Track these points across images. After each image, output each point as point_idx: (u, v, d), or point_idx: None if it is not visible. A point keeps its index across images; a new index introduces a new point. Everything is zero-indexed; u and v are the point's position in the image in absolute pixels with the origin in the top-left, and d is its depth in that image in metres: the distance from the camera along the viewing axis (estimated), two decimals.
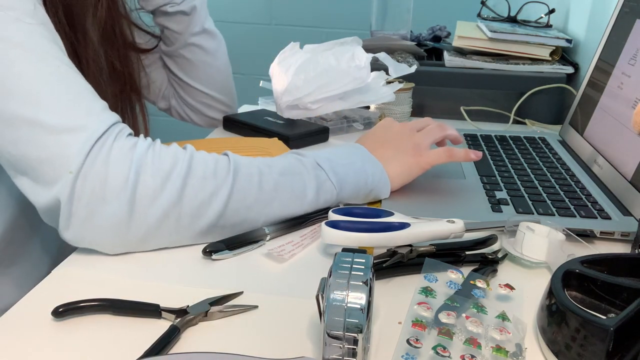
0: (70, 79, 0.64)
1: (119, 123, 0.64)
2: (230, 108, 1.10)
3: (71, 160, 0.60)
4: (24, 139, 0.60)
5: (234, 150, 0.70)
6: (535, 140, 1.06)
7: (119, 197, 0.60)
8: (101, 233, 0.61)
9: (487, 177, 0.87)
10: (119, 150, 0.61)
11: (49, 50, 0.64)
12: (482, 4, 1.44)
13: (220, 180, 0.65)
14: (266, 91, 1.17)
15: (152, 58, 1.04)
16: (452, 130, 0.83)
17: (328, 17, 2.35)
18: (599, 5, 1.26)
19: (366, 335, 0.45)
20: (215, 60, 1.04)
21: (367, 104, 1.07)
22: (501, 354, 0.48)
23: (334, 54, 1.03)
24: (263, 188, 0.67)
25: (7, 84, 0.61)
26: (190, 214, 0.63)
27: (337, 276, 0.46)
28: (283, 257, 0.65)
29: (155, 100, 1.08)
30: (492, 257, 0.65)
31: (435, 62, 1.31)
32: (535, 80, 1.19)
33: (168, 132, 1.02)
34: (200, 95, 1.05)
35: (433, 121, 0.84)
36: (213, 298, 0.56)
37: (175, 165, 0.63)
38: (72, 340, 0.51)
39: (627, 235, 0.70)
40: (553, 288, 0.52)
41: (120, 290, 0.57)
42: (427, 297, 0.54)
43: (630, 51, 0.92)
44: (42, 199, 0.61)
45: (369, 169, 0.76)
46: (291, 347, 0.51)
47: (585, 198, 0.80)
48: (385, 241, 0.64)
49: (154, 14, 0.98)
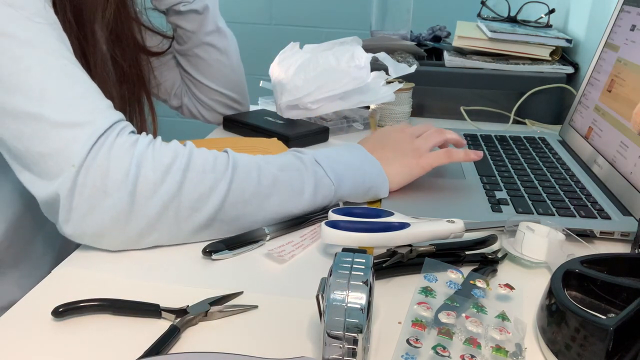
0: (76, 77, 0.65)
1: (122, 121, 0.65)
2: (242, 106, 1.11)
3: (74, 154, 0.60)
4: (28, 133, 0.61)
5: (234, 150, 0.70)
6: (535, 140, 1.06)
7: (120, 189, 0.61)
8: (102, 226, 0.62)
9: (487, 177, 0.87)
10: (121, 146, 0.62)
11: (56, 48, 0.65)
12: (482, 4, 1.44)
13: (219, 175, 0.65)
14: (266, 91, 1.17)
15: (165, 57, 1.05)
16: (452, 134, 0.84)
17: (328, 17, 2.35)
18: (599, 5, 1.26)
19: (366, 335, 0.45)
20: (229, 59, 1.05)
21: (367, 104, 1.07)
22: (501, 353, 0.48)
23: (334, 53, 1.03)
24: (261, 183, 0.68)
25: (14, 80, 0.61)
26: (189, 206, 0.64)
27: (337, 276, 0.46)
28: (283, 257, 0.65)
29: (167, 98, 1.09)
30: (492, 257, 0.65)
31: (435, 62, 1.31)
32: (535, 80, 1.19)
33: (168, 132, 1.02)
34: (214, 93, 1.06)
35: (431, 126, 0.85)
36: (213, 298, 0.56)
37: (175, 159, 0.64)
38: (72, 340, 0.51)
39: (627, 235, 0.70)
40: (553, 288, 0.52)
41: (120, 290, 0.57)
42: (427, 297, 0.55)
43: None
44: (44, 192, 0.62)
45: (367, 167, 0.76)
46: (291, 347, 0.51)
47: (585, 198, 0.80)
48: (385, 241, 0.64)
49: (167, 13, 0.99)
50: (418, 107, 1.20)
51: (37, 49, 0.63)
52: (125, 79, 0.91)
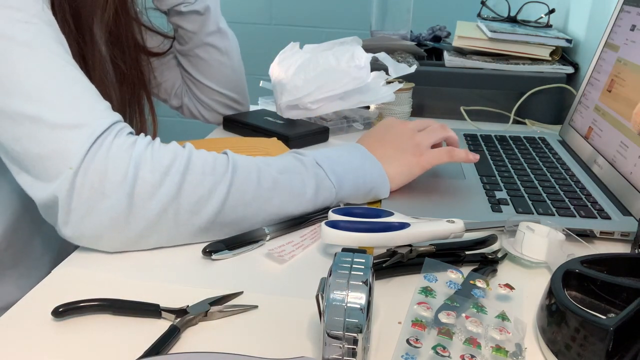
0: (74, 78, 0.65)
1: (120, 122, 0.65)
2: (242, 106, 1.11)
3: (72, 156, 0.60)
4: (26, 135, 0.61)
5: (234, 150, 0.70)
6: (535, 140, 1.06)
7: (118, 191, 0.61)
8: (100, 228, 0.62)
9: (487, 177, 0.87)
10: (119, 147, 0.62)
11: (54, 49, 0.64)
12: (482, 4, 1.44)
13: (218, 177, 0.65)
14: (266, 91, 1.17)
15: (165, 57, 1.05)
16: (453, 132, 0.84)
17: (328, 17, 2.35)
18: (599, 5, 1.26)
19: (366, 335, 0.45)
20: (230, 60, 1.05)
21: (367, 104, 1.07)
22: (501, 353, 0.48)
23: (333, 53, 1.03)
24: (262, 185, 0.67)
25: (12, 82, 0.61)
26: (189, 209, 0.64)
27: (337, 276, 0.46)
28: (283, 257, 0.65)
29: (167, 98, 1.09)
30: (492, 257, 0.65)
31: (435, 62, 1.31)
32: (535, 80, 1.19)
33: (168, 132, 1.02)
34: (214, 93, 1.06)
35: (434, 122, 0.84)
36: (213, 298, 0.56)
37: (174, 161, 0.64)
38: (72, 340, 0.51)
39: (627, 235, 0.70)
40: (553, 288, 0.52)
41: (120, 290, 0.57)
42: (427, 297, 0.55)
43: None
44: (42, 195, 0.61)
45: (368, 168, 0.76)
46: (291, 347, 0.51)
47: (585, 198, 0.80)
48: (385, 241, 0.64)
49: (168, 13, 0.99)
50: (418, 107, 1.20)
51: (35, 51, 0.63)
52: (125, 79, 0.91)
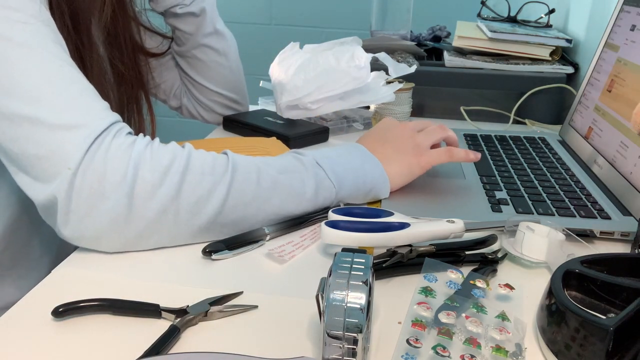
0: (72, 78, 0.65)
1: (118, 122, 0.65)
2: (242, 106, 1.11)
3: (70, 156, 0.60)
4: (24, 136, 0.61)
5: (234, 150, 0.70)
6: (535, 140, 1.06)
7: (118, 192, 0.61)
8: (100, 229, 0.62)
9: (487, 177, 0.87)
10: (118, 147, 0.62)
11: (52, 50, 0.64)
12: (482, 4, 1.44)
13: (218, 177, 0.65)
14: (266, 91, 1.17)
15: (164, 58, 1.05)
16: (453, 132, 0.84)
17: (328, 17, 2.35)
18: (599, 5, 1.26)
19: (366, 335, 0.45)
20: (227, 61, 1.05)
21: (367, 104, 1.07)
22: (501, 353, 0.48)
23: (333, 54, 1.03)
24: (261, 185, 0.67)
25: (9, 82, 0.61)
26: (189, 210, 0.64)
27: (337, 276, 0.46)
28: (283, 257, 0.65)
29: (166, 99, 1.09)
30: (492, 257, 0.65)
31: (435, 62, 1.31)
32: (535, 80, 1.19)
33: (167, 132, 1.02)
34: (213, 94, 1.07)
35: (433, 123, 0.85)
36: (213, 298, 0.56)
37: (174, 161, 0.63)
38: (72, 340, 0.51)
39: (627, 235, 0.70)
40: (553, 288, 0.52)
41: (120, 290, 0.57)
42: (427, 297, 0.54)
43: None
44: (41, 196, 0.61)
45: (368, 168, 0.76)
46: (291, 347, 0.51)
47: (585, 198, 0.80)
48: (385, 241, 0.64)
49: (165, 15, 0.99)
50: (418, 107, 1.20)
51: (34, 51, 0.63)
52: (123, 80, 0.91)
